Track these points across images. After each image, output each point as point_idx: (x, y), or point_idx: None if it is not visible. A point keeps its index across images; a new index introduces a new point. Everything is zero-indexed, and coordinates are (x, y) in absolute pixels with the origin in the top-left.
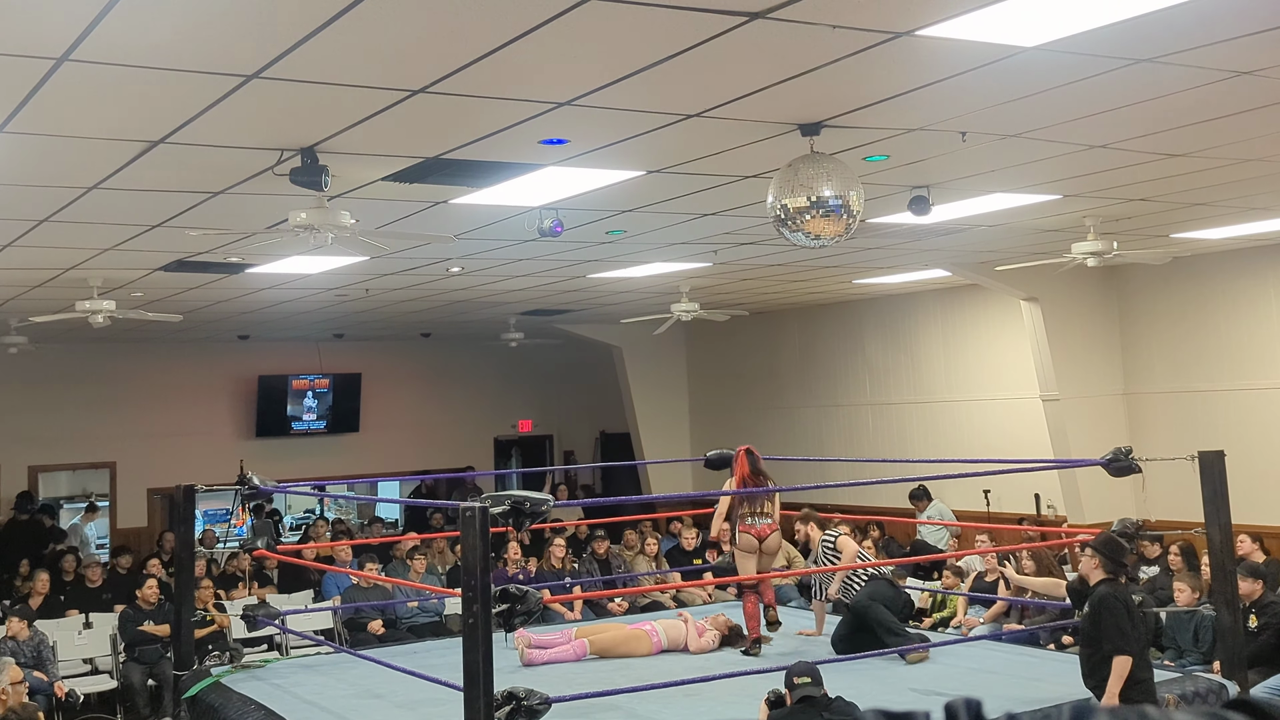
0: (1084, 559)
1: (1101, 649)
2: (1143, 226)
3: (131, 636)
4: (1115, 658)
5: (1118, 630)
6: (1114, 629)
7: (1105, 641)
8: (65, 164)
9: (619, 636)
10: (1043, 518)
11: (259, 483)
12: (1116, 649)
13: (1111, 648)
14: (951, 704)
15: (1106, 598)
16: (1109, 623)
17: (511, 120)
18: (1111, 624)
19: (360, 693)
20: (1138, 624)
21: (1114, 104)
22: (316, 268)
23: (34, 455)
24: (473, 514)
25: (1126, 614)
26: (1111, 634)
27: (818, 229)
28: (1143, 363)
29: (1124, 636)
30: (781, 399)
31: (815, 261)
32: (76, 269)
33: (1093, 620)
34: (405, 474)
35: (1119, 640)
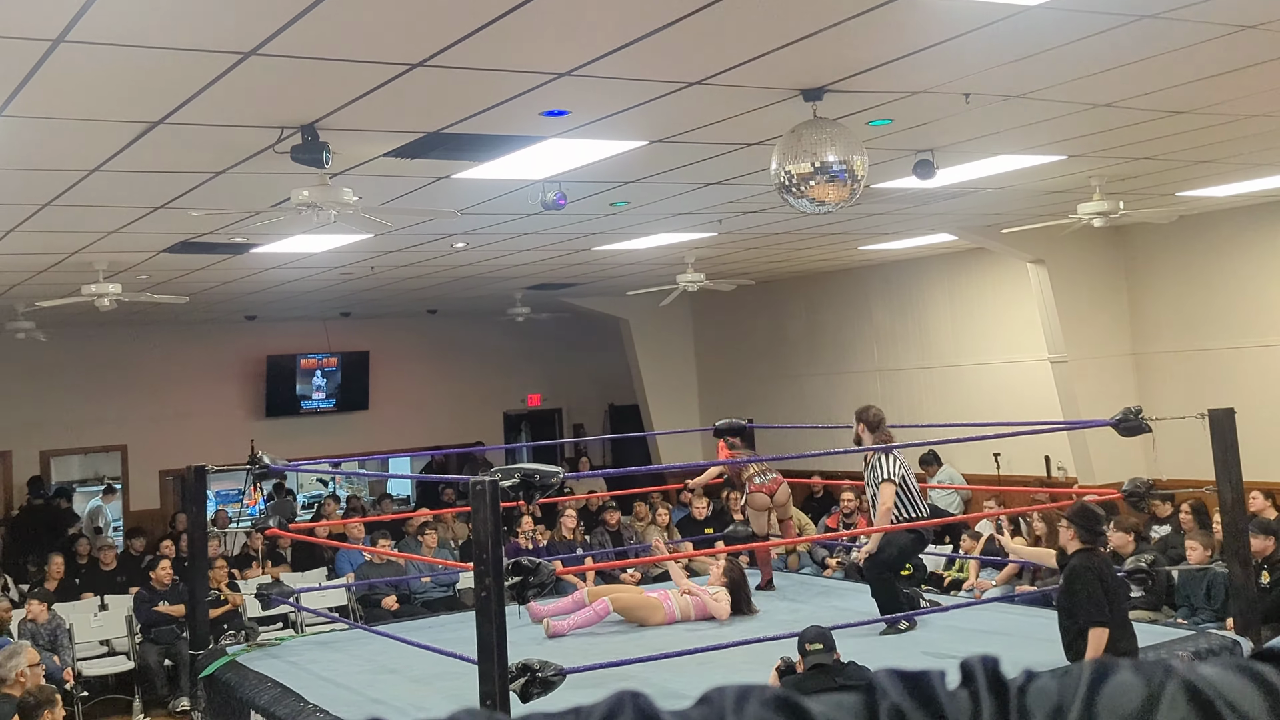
0: (1061, 529)
1: (1075, 622)
2: (1148, 185)
3: (147, 618)
4: (1090, 630)
5: (1091, 601)
6: (1087, 600)
7: (1079, 613)
8: (65, 147)
9: (638, 599)
10: (1053, 479)
11: (269, 462)
12: (1090, 620)
13: (1086, 620)
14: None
15: (1078, 569)
16: (1082, 594)
17: (511, 92)
18: (1085, 595)
19: (376, 668)
20: (1113, 592)
21: (1117, 62)
22: (321, 246)
23: (45, 440)
24: (483, 488)
25: (1100, 584)
26: (1085, 605)
27: (822, 195)
28: (1151, 322)
29: (1098, 607)
30: (789, 367)
31: (820, 228)
32: (81, 253)
33: (1067, 591)
34: (415, 450)
35: (1093, 611)
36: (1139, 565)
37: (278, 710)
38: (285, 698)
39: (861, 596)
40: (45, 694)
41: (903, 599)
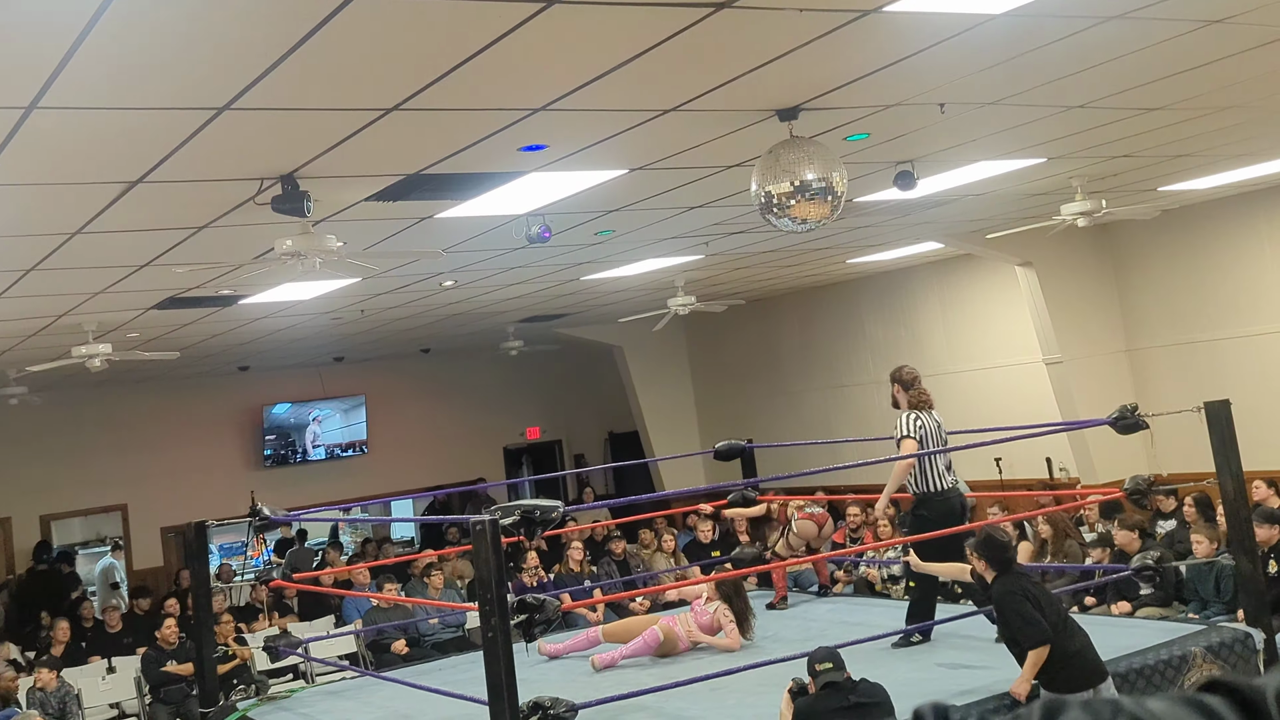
0: (973, 561)
1: (1022, 648)
2: (1129, 182)
3: (155, 678)
4: (1030, 652)
5: (1024, 621)
6: (1020, 621)
7: (1020, 638)
8: (47, 211)
9: (630, 623)
10: (1056, 481)
11: (270, 513)
12: (1031, 641)
13: (1028, 642)
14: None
15: (1002, 596)
16: (1015, 619)
17: (488, 130)
18: (1016, 617)
19: (388, 715)
20: (1044, 603)
21: (1088, 63)
22: (309, 293)
23: (45, 504)
24: (483, 527)
25: (1028, 600)
26: (1020, 627)
27: (803, 213)
28: (1142, 318)
29: (1033, 624)
30: (785, 384)
31: (807, 244)
32: (69, 315)
33: (1002, 621)
34: (417, 491)
35: (1030, 630)
36: (1145, 563)
37: None
38: None
39: (870, 610)
40: None
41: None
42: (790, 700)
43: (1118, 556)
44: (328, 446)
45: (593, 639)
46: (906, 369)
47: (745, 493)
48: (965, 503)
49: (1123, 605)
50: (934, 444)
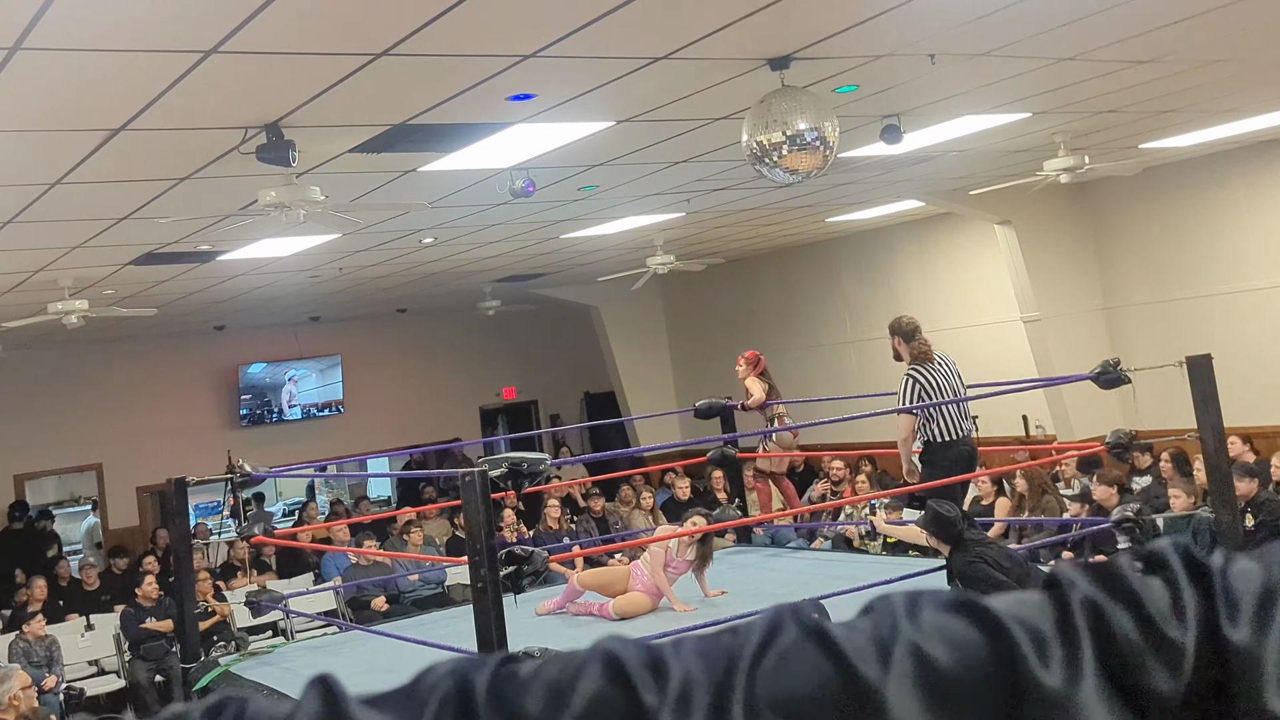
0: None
1: None
2: (1112, 139)
3: (135, 635)
4: None
5: (993, 586)
6: (990, 588)
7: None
8: (25, 161)
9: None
10: (1032, 438)
11: (250, 469)
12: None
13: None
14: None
15: (963, 569)
16: (982, 589)
17: (477, 78)
18: (985, 586)
19: (372, 669)
20: (1003, 560)
21: (1082, 13)
22: (288, 250)
23: (19, 463)
24: (472, 478)
25: (988, 565)
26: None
27: (795, 163)
28: (1120, 276)
29: (1002, 587)
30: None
31: (788, 202)
32: (45, 270)
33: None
34: (393, 450)
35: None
36: (1126, 515)
37: None
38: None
39: (854, 564)
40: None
41: None
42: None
43: (1095, 511)
44: (304, 406)
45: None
46: (906, 319)
47: (725, 450)
48: (975, 451)
49: (1100, 559)
50: (939, 395)
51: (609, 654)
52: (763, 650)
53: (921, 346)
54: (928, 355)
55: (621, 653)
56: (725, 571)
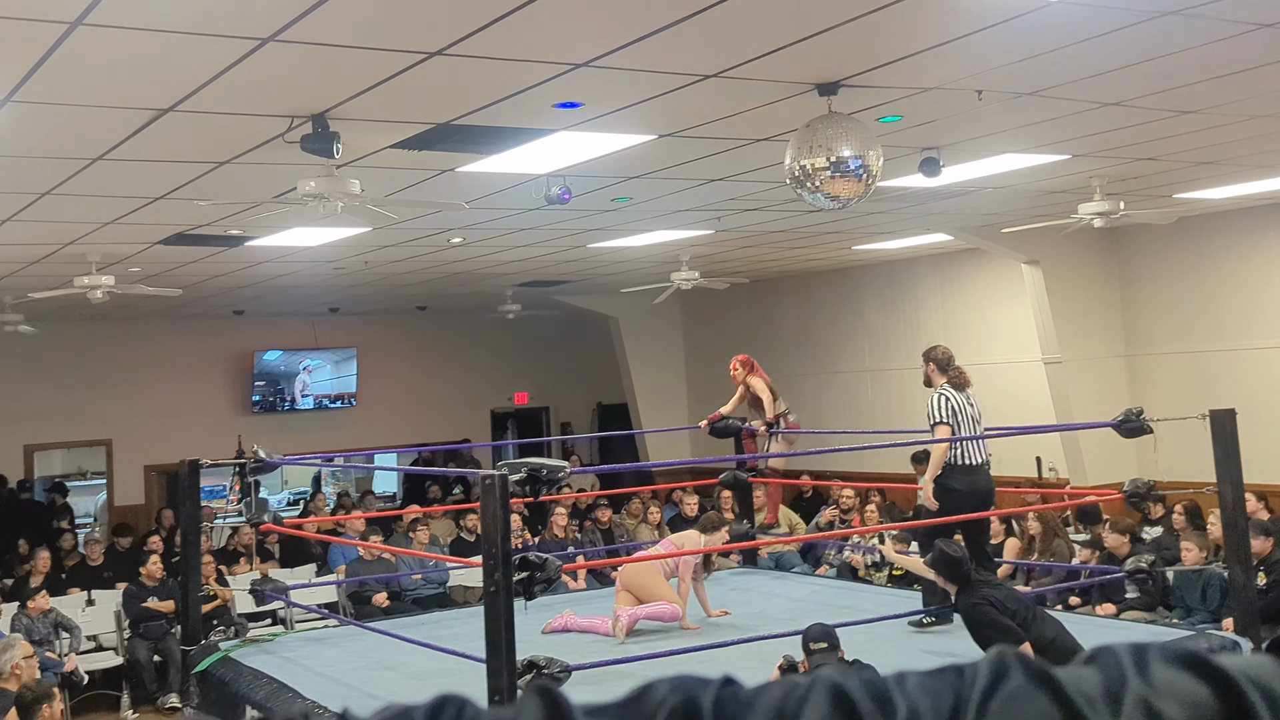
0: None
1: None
2: (1149, 186)
3: (135, 613)
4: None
5: (996, 629)
6: (995, 631)
7: (996, 645)
8: (71, 134)
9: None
10: (1044, 480)
11: (264, 456)
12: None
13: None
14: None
15: (968, 610)
16: (988, 629)
17: (527, 83)
18: (988, 630)
19: (371, 664)
20: (1009, 603)
21: (1133, 59)
22: (317, 240)
23: (29, 434)
24: (492, 482)
25: (994, 608)
26: (995, 638)
27: (837, 190)
28: (1144, 324)
29: (1007, 632)
30: (780, 367)
31: (817, 227)
32: (76, 244)
33: (974, 634)
34: (402, 447)
35: (1003, 638)
36: (1139, 565)
37: (274, 705)
38: (281, 693)
39: (859, 594)
40: (44, 688)
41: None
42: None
43: (1105, 559)
44: (316, 396)
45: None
46: (942, 349)
47: (737, 473)
48: (993, 485)
49: (1108, 607)
50: (969, 421)
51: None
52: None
53: (958, 375)
54: (963, 383)
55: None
56: (728, 593)
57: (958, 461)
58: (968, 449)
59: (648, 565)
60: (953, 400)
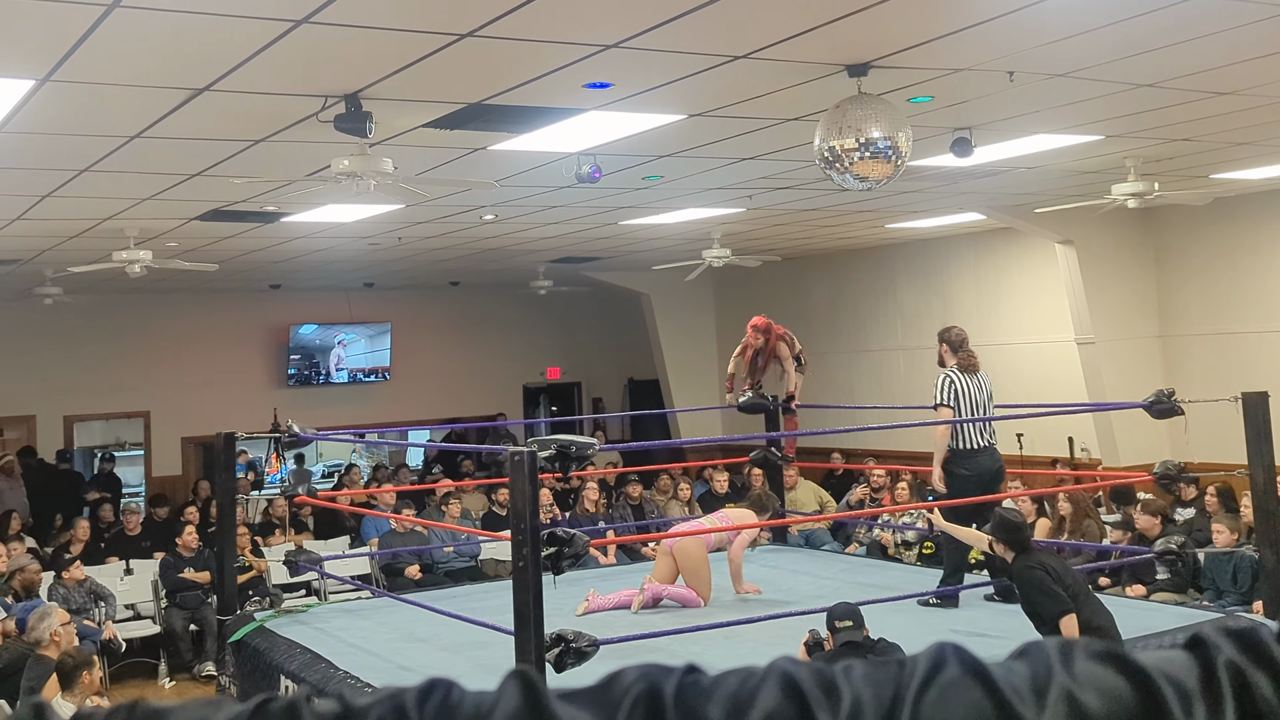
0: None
1: (1045, 624)
2: (1184, 167)
3: (172, 583)
4: (1060, 621)
5: (1048, 597)
6: (1044, 597)
7: (1043, 612)
8: (109, 113)
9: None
10: (1076, 460)
11: (299, 430)
12: (1052, 614)
13: (1049, 615)
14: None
15: (1022, 573)
16: (1036, 595)
17: (557, 64)
18: (1038, 595)
19: (403, 636)
20: (1065, 577)
21: (1167, 40)
22: (351, 216)
23: (70, 405)
24: (521, 458)
25: (1048, 576)
26: (1044, 604)
27: (866, 171)
28: (1178, 305)
29: (1056, 599)
30: (811, 345)
31: (850, 205)
32: (114, 219)
33: (1024, 599)
34: (435, 422)
35: (1053, 605)
36: (1169, 546)
37: (307, 676)
38: (315, 664)
39: (886, 572)
40: (83, 655)
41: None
42: (806, 654)
43: (1136, 540)
44: (351, 370)
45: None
46: (955, 330)
47: (768, 451)
48: (1001, 465)
49: (1138, 588)
50: (971, 404)
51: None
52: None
53: (968, 359)
54: (973, 366)
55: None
56: (757, 570)
57: (960, 445)
58: (969, 433)
59: (700, 542)
60: (958, 383)
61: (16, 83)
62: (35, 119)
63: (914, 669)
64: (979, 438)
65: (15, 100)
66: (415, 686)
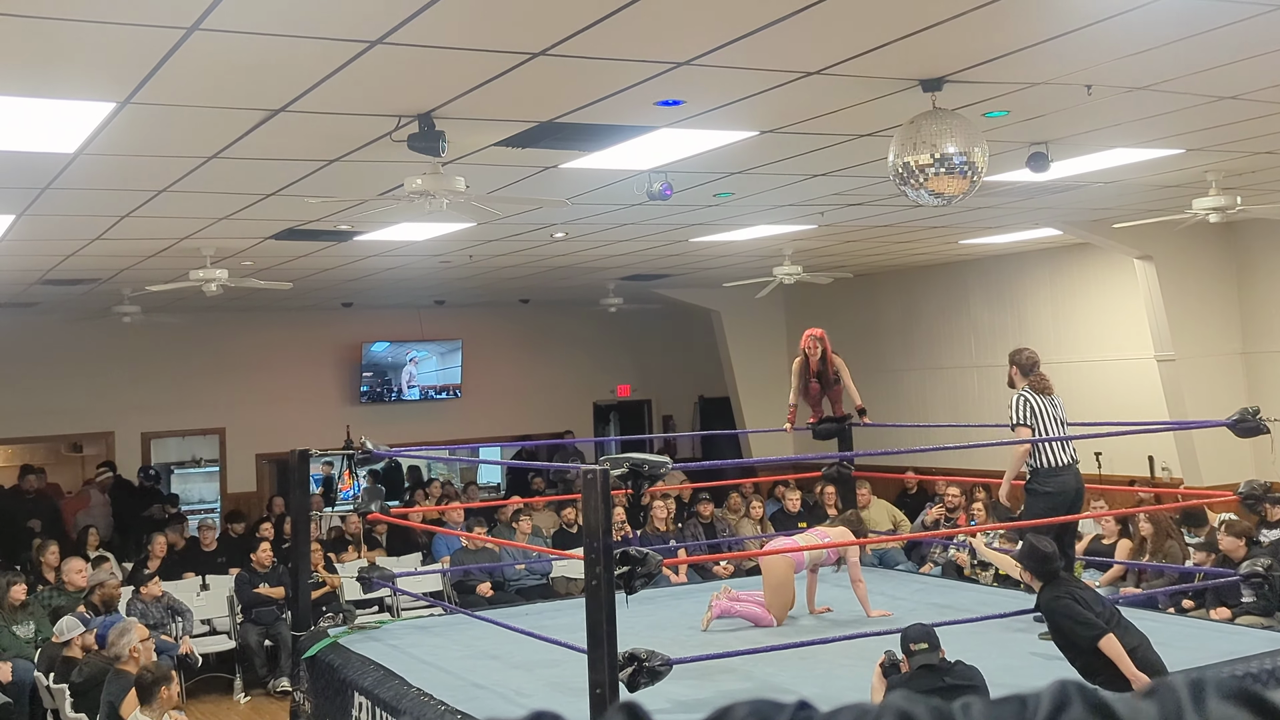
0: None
1: (1082, 653)
2: (1266, 180)
3: (247, 598)
4: (1099, 644)
5: (1080, 624)
6: (1072, 623)
7: (1078, 640)
8: (187, 134)
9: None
10: (1157, 480)
11: (372, 447)
12: (1088, 640)
13: (1087, 641)
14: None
15: (1050, 604)
16: (1068, 623)
17: (629, 82)
18: (1068, 621)
19: (476, 653)
20: (1094, 605)
21: (1249, 52)
22: (423, 235)
23: (147, 422)
24: (594, 476)
25: (1078, 604)
26: (1073, 629)
27: (941, 187)
28: (1262, 321)
29: (1085, 623)
30: (884, 362)
31: (923, 222)
32: (191, 238)
33: (1056, 631)
34: (506, 439)
35: (1088, 631)
36: (1255, 569)
37: (381, 693)
38: (388, 680)
39: (963, 593)
40: (162, 670)
41: None
42: (882, 676)
43: (1220, 562)
44: (422, 388)
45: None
46: (1026, 352)
47: (841, 467)
48: (1083, 484)
49: (1222, 611)
50: (1051, 423)
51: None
52: None
53: (1040, 381)
54: (1046, 389)
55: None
56: (830, 589)
57: (1043, 464)
58: (1053, 451)
59: (788, 562)
60: (1033, 402)
61: (98, 105)
62: (115, 141)
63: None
64: (1064, 455)
65: (97, 123)
66: (521, 718)
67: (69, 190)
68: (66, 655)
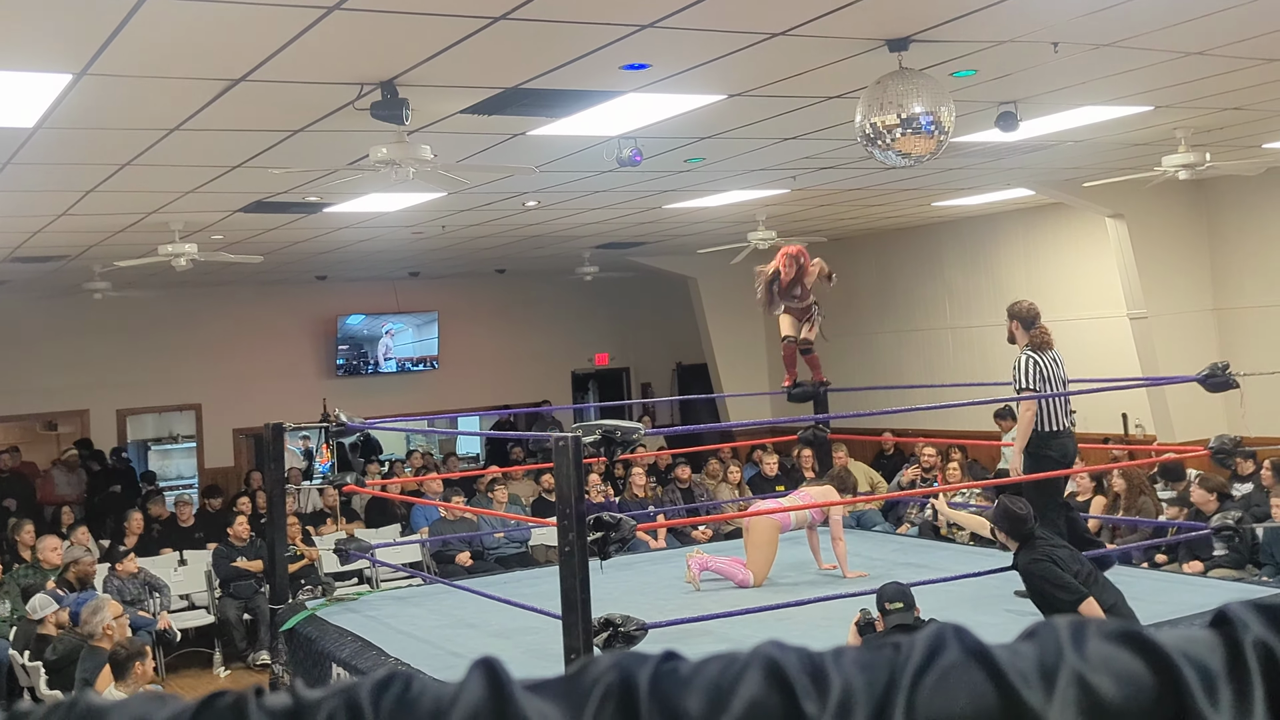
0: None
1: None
2: (1235, 137)
3: (225, 573)
4: (1079, 610)
5: (1059, 587)
6: (1055, 588)
7: (1057, 603)
8: (147, 106)
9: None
10: (1130, 437)
11: (346, 420)
12: (1068, 605)
13: (1068, 604)
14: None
15: (1029, 567)
16: (1047, 586)
17: (593, 45)
18: (1050, 587)
19: (454, 623)
20: (1069, 561)
21: (1213, 8)
22: (394, 205)
23: (122, 399)
24: (566, 443)
25: (1056, 565)
26: (1056, 595)
27: (908, 147)
28: (1232, 277)
29: (1064, 587)
30: (859, 325)
31: (895, 184)
32: (158, 213)
33: (1034, 593)
34: (484, 409)
35: (1067, 594)
36: (1225, 522)
37: (359, 664)
38: (366, 651)
39: (940, 553)
40: (136, 646)
41: None
42: (857, 634)
43: (1193, 516)
44: (399, 360)
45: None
46: (1026, 304)
47: (816, 429)
48: (1075, 447)
49: (1195, 565)
50: (1054, 384)
51: (770, 659)
52: (925, 667)
53: (1041, 335)
54: (1047, 344)
55: (783, 659)
56: (805, 551)
57: (1045, 428)
58: (1056, 414)
59: (773, 523)
60: (1042, 365)
61: (54, 77)
62: (74, 114)
63: (910, 653)
64: (1063, 418)
65: (54, 95)
66: (372, 678)
67: (31, 165)
68: (41, 633)
